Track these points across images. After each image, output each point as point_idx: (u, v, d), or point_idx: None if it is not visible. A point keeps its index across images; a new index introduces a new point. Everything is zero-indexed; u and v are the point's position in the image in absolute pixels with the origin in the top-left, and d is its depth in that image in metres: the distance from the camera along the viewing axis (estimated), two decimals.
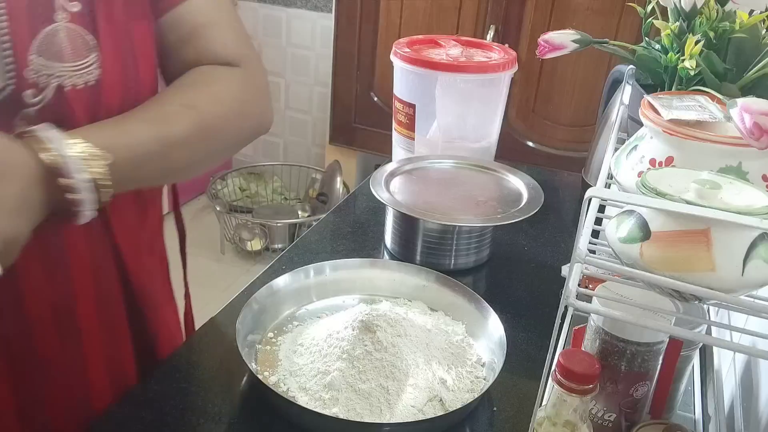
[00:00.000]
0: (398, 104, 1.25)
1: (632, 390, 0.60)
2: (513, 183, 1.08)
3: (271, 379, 0.73)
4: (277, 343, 0.79)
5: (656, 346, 0.59)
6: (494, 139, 1.28)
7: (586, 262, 0.48)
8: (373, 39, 2.23)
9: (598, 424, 0.62)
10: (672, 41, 0.80)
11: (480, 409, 0.74)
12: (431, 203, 0.99)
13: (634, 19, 1.85)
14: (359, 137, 2.42)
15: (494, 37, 2.02)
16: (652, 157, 0.62)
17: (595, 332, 0.60)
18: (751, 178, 0.58)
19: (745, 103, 0.56)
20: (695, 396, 0.80)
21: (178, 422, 0.68)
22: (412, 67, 1.17)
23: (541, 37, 0.89)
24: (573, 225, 1.16)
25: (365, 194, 1.19)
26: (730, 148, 0.58)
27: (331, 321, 0.81)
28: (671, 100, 0.66)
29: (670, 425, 0.62)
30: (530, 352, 0.83)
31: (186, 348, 0.79)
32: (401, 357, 0.73)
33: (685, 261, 0.47)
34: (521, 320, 0.89)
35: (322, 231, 1.12)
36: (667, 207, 0.48)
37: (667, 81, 0.81)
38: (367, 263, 0.91)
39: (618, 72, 1.17)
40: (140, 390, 0.72)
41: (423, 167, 1.12)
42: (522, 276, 1.02)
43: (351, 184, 2.57)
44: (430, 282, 0.88)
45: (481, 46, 1.29)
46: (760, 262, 0.47)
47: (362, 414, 0.68)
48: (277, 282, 0.83)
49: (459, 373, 0.74)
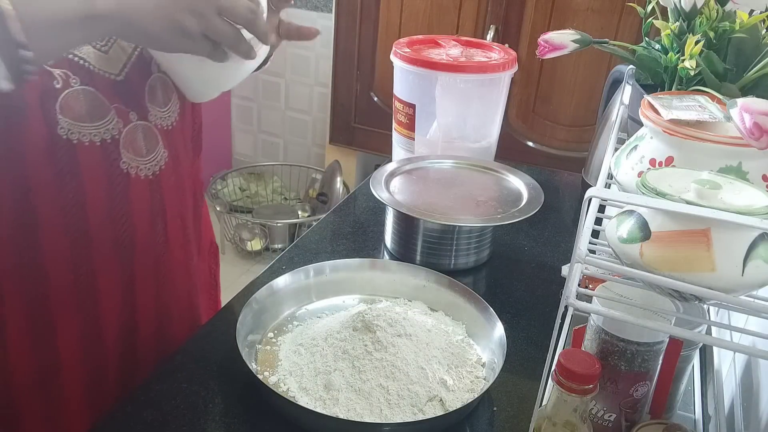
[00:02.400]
0: (398, 104, 1.25)
1: (632, 390, 0.60)
2: (513, 183, 1.08)
3: (271, 379, 0.73)
4: (277, 343, 0.79)
5: (656, 346, 0.59)
6: (494, 139, 1.28)
7: (586, 262, 0.48)
8: (373, 39, 2.23)
9: (598, 424, 0.62)
10: (672, 41, 0.80)
11: (480, 409, 0.74)
12: (431, 203, 0.99)
13: (634, 19, 1.85)
14: (359, 137, 2.42)
15: (494, 37, 2.02)
16: (652, 157, 0.62)
17: (595, 332, 0.60)
18: (751, 178, 0.58)
19: (745, 103, 0.56)
20: (695, 396, 0.80)
21: (179, 422, 0.68)
22: (412, 67, 1.17)
23: (541, 37, 0.89)
24: (573, 225, 1.16)
25: (365, 194, 1.19)
26: (730, 148, 0.58)
27: (331, 321, 0.81)
28: (671, 100, 0.66)
29: (670, 425, 0.62)
30: (530, 352, 0.83)
31: (187, 348, 0.79)
32: (401, 357, 0.73)
33: (685, 261, 0.47)
34: (521, 320, 0.89)
35: (322, 231, 1.12)
36: (667, 207, 0.48)
37: (667, 81, 0.81)
38: (367, 263, 0.91)
39: (618, 72, 1.17)
40: (142, 390, 0.72)
41: (423, 167, 1.12)
42: (522, 276, 1.02)
43: (351, 184, 2.58)
44: (430, 282, 0.88)
45: (481, 46, 1.29)
46: (760, 262, 0.47)
47: (362, 414, 0.68)
48: (277, 282, 0.83)
49: (459, 373, 0.74)
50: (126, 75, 0.70)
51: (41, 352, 0.71)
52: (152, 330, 0.80)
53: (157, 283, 0.79)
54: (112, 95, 0.68)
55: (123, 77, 0.70)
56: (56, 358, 0.72)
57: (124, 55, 0.70)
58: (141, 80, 0.72)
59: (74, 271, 0.70)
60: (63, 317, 0.71)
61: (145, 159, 0.72)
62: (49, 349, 0.71)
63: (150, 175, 0.73)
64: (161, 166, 0.75)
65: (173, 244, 0.80)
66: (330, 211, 1.18)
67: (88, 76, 0.66)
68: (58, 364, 0.72)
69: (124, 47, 0.70)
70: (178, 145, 0.78)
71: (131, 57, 0.71)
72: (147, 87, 0.72)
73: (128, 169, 0.71)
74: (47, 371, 0.72)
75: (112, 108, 0.68)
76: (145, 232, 0.75)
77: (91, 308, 0.72)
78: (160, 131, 0.74)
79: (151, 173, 0.73)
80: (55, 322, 0.70)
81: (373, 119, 2.35)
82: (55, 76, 0.63)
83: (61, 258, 0.69)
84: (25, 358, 0.70)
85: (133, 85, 0.71)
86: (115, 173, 0.70)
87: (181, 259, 0.82)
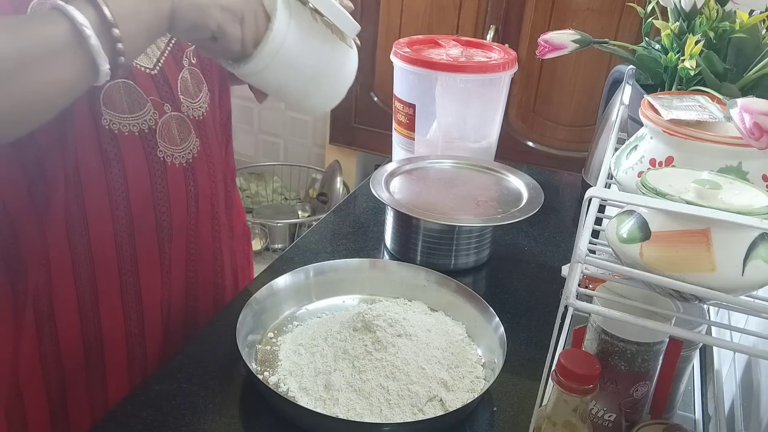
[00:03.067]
0: (398, 104, 1.25)
1: (632, 390, 0.60)
2: (513, 183, 1.08)
3: (271, 379, 0.73)
4: (277, 343, 0.79)
5: (656, 346, 0.59)
6: (494, 139, 1.28)
7: (586, 262, 0.48)
8: (373, 39, 2.23)
9: (598, 424, 0.62)
10: (672, 41, 0.80)
11: (480, 409, 0.74)
12: (431, 203, 0.99)
13: (634, 19, 1.85)
14: (359, 137, 2.42)
15: (494, 37, 2.02)
16: (652, 157, 0.62)
17: (595, 332, 0.60)
18: (751, 178, 0.58)
19: (745, 103, 0.56)
20: (695, 396, 0.80)
21: (179, 422, 0.68)
22: (412, 67, 1.17)
23: (541, 37, 0.89)
24: (573, 225, 1.16)
25: (365, 194, 1.19)
26: (730, 148, 0.58)
27: (331, 321, 0.81)
28: (671, 100, 0.66)
29: (670, 425, 0.62)
30: (530, 352, 0.83)
31: (187, 348, 0.79)
32: (401, 357, 0.73)
33: (685, 261, 0.47)
34: (521, 320, 0.89)
35: (322, 231, 1.12)
36: (667, 207, 0.48)
37: (667, 81, 0.81)
38: (367, 263, 0.91)
39: (618, 72, 1.17)
40: (142, 390, 0.72)
41: (423, 167, 1.12)
42: (522, 276, 1.02)
43: (351, 184, 2.57)
44: (430, 282, 0.88)
45: (481, 46, 1.29)
46: (760, 262, 0.47)
47: (362, 414, 0.68)
48: (277, 282, 0.83)
49: (459, 373, 0.74)
50: (160, 69, 0.75)
51: (87, 328, 0.75)
52: (182, 306, 0.84)
53: (187, 264, 0.83)
54: (148, 88, 0.73)
55: (157, 71, 0.75)
56: (100, 332, 0.76)
57: (157, 50, 0.75)
58: (173, 74, 0.77)
59: (118, 253, 0.74)
60: (107, 295, 0.75)
61: (179, 148, 0.77)
62: (94, 324, 0.75)
63: (184, 162, 0.78)
64: (194, 154, 0.79)
65: (203, 227, 0.84)
66: (330, 211, 1.18)
67: (127, 70, 0.69)
68: (101, 340, 0.77)
69: (158, 42, 0.75)
70: (209, 134, 0.82)
71: (164, 52, 0.76)
72: (179, 80, 0.77)
73: (164, 157, 0.75)
74: (92, 345, 0.76)
75: (149, 100, 0.73)
76: (180, 216, 0.79)
77: (133, 285, 0.77)
78: (192, 121, 0.79)
79: (185, 161, 0.78)
80: (101, 299, 0.75)
81: (373, 119, 2.35)
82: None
83: (107, 238, 0.73)
84: (74, 336, 0.75)
85: (166, 79, 0.76)
86: (153, 161, 0.74)
87: (209, 241, 0.86)
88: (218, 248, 0.88)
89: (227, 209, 0.91)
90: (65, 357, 0.75)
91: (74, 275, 0.73)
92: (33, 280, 0.70)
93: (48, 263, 0.71)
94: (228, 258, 0.91)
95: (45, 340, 0.73)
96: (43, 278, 0.71)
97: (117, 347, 0.78)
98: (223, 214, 0.89)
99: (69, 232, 0.71)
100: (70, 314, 0.74)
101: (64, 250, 0.71)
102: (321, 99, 0.77)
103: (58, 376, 0.75)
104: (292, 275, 0.85)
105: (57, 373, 0.75)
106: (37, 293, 0.71)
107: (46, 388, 0.75)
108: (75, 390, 0.77)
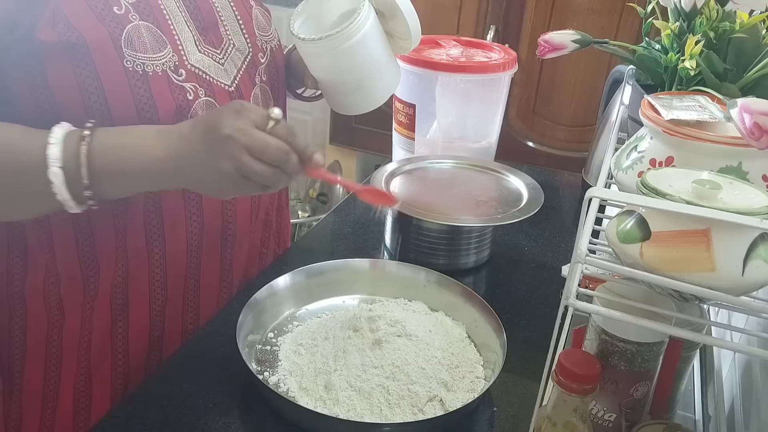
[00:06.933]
0: (398, 104, 1.25)
1: (632, 390, 0.60)
2: (513, 183, 1.08)
3: (271, 380, 0.73)
4: (277, 343, 0.79)
5: (656, 346, 0.59)
6: (494, 139, 1.28)
7: (586, 262, 0.48)
8: None
9: (598, 424, 0.62)
10: (672, 41, 0.80)
11: (480, 409, 0.74)
12: (431, 203, 0.99)
13: (634, 19, 1.85)
14: (359, 137, 2.42)
15: (494, 37, 2.02)
16: (652, 157, 0.62)
17: (595, 332, 0.60)
18: (751, 178, 0.58)
19: (745, 103, 0.56)
20: (695, 396, 0.80)
21: (179, 422, 0.68)
22: (412, 67, 1.17)
23: (541, 37, 0.89)
24: (573, 225, 1.16)
25: None
26: (730, 148, 0.58)
27: (331, 321, 0.81)
28: (671, 100, 0.66)
29: (670, 425, 0.62)
30: (530, 352, 0.83)
31: (187, 348, 0.79)
32: (401, 357, 0.73)
33: (685, 261, 0.47)
34: (521, 320, 0.89)
35: (322, 231, 1.12)
36: (667, 207, 0.48)
37: (667, 81, 0.81)
38: (367, 263, 0.91)
39: (618, 72, 1.18)
40: (142, 390, 0.72)
41: (423, 167, 1.12)
42: (522, 276, 1.02)
43: None
44: (430, 282, 0.88)
45: (481, 46, 1.30)
46: (760, 262, 0.47)
47: (362, 414, 0.68)
48: (277, 282, 0.83)
49: (459, 373, 0.74)
50: (236, 86, 0.79)
51: (154, 326, 0.81)
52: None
53: (246, 269, 0.90)
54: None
55: (234, 88, 0.78)
56: (162, 331, 0.82)
57: (234, 67, 0.79)
58: (247, 90, 0.81)
59: (188, 257, 0.80)
60: (176, 278, 0.80)
61: None
62: (159, 323, 0.81)
63: None
64: None
65: (256, 235, 0.90)
66: (330, 211, 1.18)
67: (210, 87, 0.75)
68: (161, 338, 0.82)
69: (236, 61, 0.79)
70: None
71: (240, 69, 0.80)
72: (251, 97, 0.81)
73: None
74: (155, 342, 0.82)
75: None
76: (244, 219, 0.85)
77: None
78: None
79: None
80: (169, 297, 0.81)
81: (373, 119, 2.33)
82: (187, 89, 0.72)
83: (180, 244, 0.78)
84: (142, 330, 0.80)
85: (242, 95, 0.79)
86: None
87: (257, 246, 0.92)
88: (249, 239, 0.90)
89: (278, 217, 0.96)
90: (132, 351, 0.80)
91: (149, 275, 0.78)
92: (105, 278, 0.76)
93: (126, 262, 0.76)
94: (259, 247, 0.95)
95: (118, 332, 0.79)
96: (120, 276, 0.76)
97: (174, 345, 0.82)
98: (274, 221, 0.95)
99: (147, 239, 0.76)
100: (142, 310, 0.79)
101: (142, 253, 0.76)
102: (367, 95, 0.84)
103: (124, 368, 0.80)
104: (292, 275, 0.85)
105: (123, 365, 0.80)
106: (114, 288, 0.76)
107: (111, 378, 0.80)
108: (135, 384, 0.80)
